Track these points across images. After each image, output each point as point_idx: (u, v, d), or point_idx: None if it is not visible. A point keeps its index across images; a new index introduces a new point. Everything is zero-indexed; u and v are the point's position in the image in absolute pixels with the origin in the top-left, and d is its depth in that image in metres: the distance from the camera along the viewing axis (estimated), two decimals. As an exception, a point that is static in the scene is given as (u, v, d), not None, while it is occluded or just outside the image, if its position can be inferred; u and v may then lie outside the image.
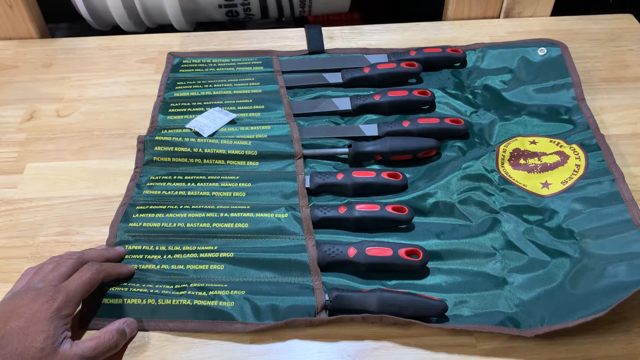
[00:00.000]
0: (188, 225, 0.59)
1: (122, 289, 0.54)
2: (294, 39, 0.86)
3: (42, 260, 0.57)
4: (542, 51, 0.78)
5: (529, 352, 0.50)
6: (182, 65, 0.80)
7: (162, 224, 0.59)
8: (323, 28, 0.87)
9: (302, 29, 0.87)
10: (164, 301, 0.53)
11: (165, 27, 0.97)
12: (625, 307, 0.49)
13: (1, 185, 0.65)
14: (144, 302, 0.53)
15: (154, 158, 0.66)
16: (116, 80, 0.79)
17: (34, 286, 0.47)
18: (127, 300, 0.53)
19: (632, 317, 0.52)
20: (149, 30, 0.97)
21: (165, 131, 0.70)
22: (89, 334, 0.51)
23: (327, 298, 0.52)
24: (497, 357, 0.50)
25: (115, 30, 0.97)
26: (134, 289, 0.54)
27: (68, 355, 0.44)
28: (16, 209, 0.63)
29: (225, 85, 0.77)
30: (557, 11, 0.89)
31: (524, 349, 0.51)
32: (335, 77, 0.77)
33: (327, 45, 0.84)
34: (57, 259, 0.51)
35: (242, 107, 0.73)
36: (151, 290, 0.54)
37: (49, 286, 0.47)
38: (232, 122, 0.71)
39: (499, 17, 0.90)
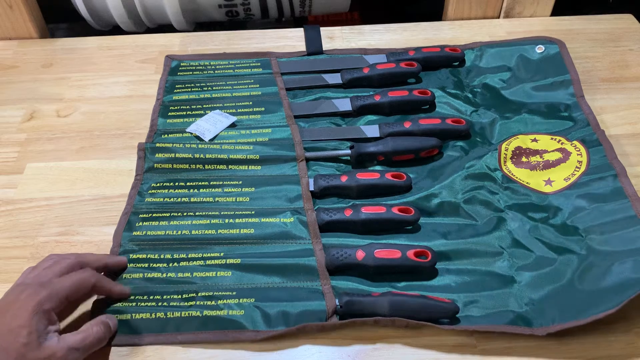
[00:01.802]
0: (193, 232, 0.59)
1: (130, 304, 0.53)
2: (293, 39, 0.86)
3: (42, 260, 0.57)
4: (539, 49, 0.78)
5: (529, 351, 0.50)
6: (181, 68, 0.80)
7: (167, 232, 0.59)
8: (323, 28, 0.86)
9: (302, 29, 0.87)
10: (172, 314, 0.52)
11: (165, 27, 0.97)
12: (625, 307, 0.49)
13: (1, 185, 0.65)
14: (153, 315, 0.52)
15: (155, 165, 0.65)
16: (116, 80, 0.79)
17: (25, 282, 0.47)
18: (135, 315, 0.52)
19: (632, 317, 0.53)
20: (149, 30, 0.97)
21: (166, 135, 0.69)
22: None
23: (337, 303, 0.52)
24: (497, 357, 0.50)
25: (115, 30, 0.97)
26: (142, 303, 0.53)
27: (55, 348, 0.44)
28: (16, 209, 0.63)
29: (224, 87, 0.76)
30: (557, 11, 0.89)
31: (524, 348, 0.51)
32: (335, 78, 0.77)
33: (327, 45, 0.84)
34: (55, 257, 0.51)
35: (242, 110, 0.73)
36: (159, 303, 0.53)
37: (37, 282, 0.47)
38: (233, 125, 0.71)
39: (499, 17, 0.90)
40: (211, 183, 0.64)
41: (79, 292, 0.49)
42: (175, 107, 0.74)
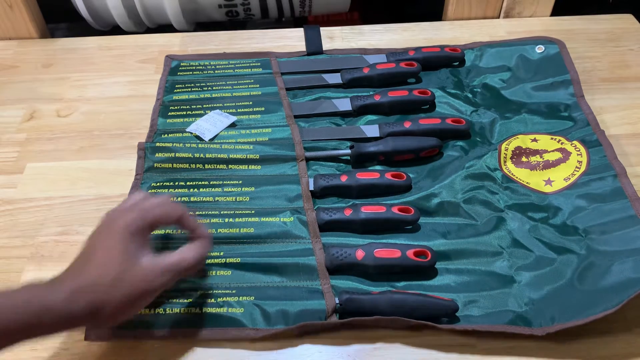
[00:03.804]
0: None
1: None
2: (293, 39, 0.86)
3: (42, 260, 0.57)
4: (539, 49, 0.78)
5: (529, 351, 0.50)
6: (181, 68, 0.80)
7: (166, 231, 0.59)
8: (323, 28, 0.87)
9: (302, 29, 0.87)
10: (172, 310, 0.52)
11: (165, 27, 0.97)
12: (625, 307, 0.49)
13: (1, 185, 0.65)
14: (152, 312, 0.52)
15: (155, 164, 0.65)
16: (116, 80, 0.79)
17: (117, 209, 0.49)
18: None
19: (632, 317, 0.53)
20: (149, 30, 0.97)
21: (166, 135, 0.69)
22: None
23: (337, 301, 0.52)
24: (497, 357, 0.50)
25: (115, 30, 0.97)
26: None
27: (147, 268, 0.45)
28: (16, 209, 0.63)
29: (224, 87, 0.76)
30: (557, 11, 0.89)
31: (524, 348, 0.51)
32: (335, 78, 0.77)
33: (327, 45, 0.84)
34: (143, 195, 0.51)
35: (242, 110, 0.73)
36: (158, 299, 0.52)
37: (128, 205, 0.48)
38: (233, 125, 0.71)
39: (499, 17, 0.90)
40: (211, 183, 0.64)
41: (166, 221, 0.49)
42: (175, 107, 0.74)
